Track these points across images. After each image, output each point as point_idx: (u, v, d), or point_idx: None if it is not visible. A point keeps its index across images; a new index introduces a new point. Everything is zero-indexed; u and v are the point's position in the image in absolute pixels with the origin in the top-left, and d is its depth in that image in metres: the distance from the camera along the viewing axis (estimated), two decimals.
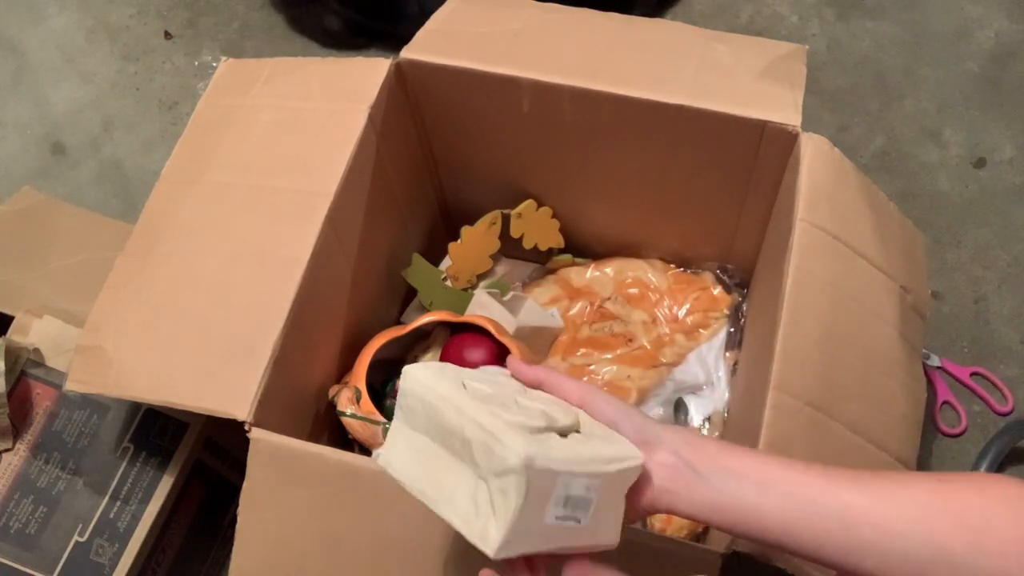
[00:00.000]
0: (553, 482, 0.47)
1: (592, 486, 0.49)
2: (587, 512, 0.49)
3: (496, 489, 0.47)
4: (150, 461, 0.81)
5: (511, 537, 0.46)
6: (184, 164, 0.80)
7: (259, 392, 0.66)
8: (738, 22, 1.34)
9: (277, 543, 0.65)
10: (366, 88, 0.80)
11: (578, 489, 0.48)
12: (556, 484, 0.47)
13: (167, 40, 1.39)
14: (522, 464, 0.45)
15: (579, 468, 0.48)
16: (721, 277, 0.98)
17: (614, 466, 0.50)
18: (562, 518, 0.48)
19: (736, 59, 0.82)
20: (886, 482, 0.50)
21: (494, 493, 0.47)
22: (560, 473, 0.47)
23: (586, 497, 0.49)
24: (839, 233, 0.72)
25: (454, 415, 0.49)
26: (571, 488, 0.48)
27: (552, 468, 0.47)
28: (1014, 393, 1.04)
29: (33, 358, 0.82)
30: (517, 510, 0.46)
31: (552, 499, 0.47)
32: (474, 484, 0.48)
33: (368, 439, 0.81)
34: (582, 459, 0.49)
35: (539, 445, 0.47)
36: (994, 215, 1.15)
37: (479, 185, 0.97)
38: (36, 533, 0.77)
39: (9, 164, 1.29)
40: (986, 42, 1.30)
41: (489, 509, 0.47)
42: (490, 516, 0.47)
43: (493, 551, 0.46)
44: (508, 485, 0.46)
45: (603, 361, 0.95)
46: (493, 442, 0.47)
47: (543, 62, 0.81)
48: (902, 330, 0.73)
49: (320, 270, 0.73)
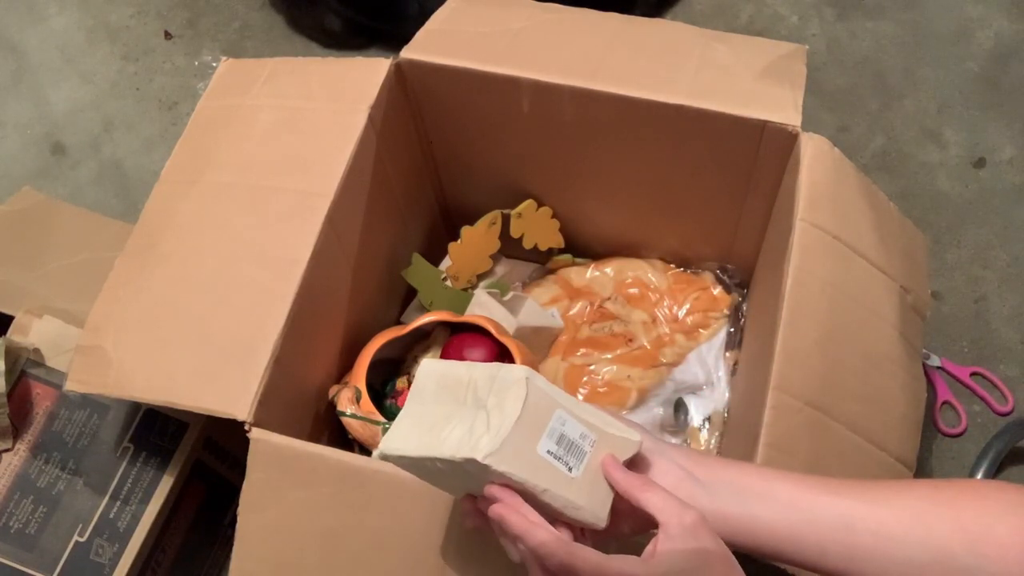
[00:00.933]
0: (550, 411, 0.50)
1: (587, 436, 0.51)
2: (580, 463, 0.50)
3: (495, 407, 0.50)
4: (150, 461, 0.81)
5: (502, 447, 0.48)
6: (184, 164, 0.80)
7: (259, 392, 0.66)
8: (738, 22, 1.34)
9: (277, 543, 0.65)
10: (366, 88, 0.80)
11: (573, 432, 0.50)
12: (553, 415, 0.50)
13: (167, 40, 1.39)
14: (524, 376, 0.49)
15: (577, 411, 0.51)
16: (721, 277, 0.98)
17: (612, 429, 0.52)
18: (554, 455, 0.50)
19: (736, 59, 0.82)
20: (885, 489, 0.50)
21: (492, 412, 0.50)
22: (559, 404, 0.50)
23: (580, 445, 0.51)
24: (839, 233, 0.72)
25: (464, 369, 0.53)
26: (567, 427, 0.50)
27: (551, 394, 0.50)
28: (1014, 393, 1.04)
29: (33, 358, 0.82)
30: (513, 422, 0.48)
31: (547, 429, 0.50)
32: (473, 418, 0.51)
33: (368, 439, 0.81)
34: (581, 407, 0.52)
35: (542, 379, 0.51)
36: (994, 215, 1.15)
37: (479, 185, 0.97)
38: (36, 533, 0.78)
39: (9, 164, 1.29)
40: (986, 42, 1.30)
41: (484, 429, 0.49)
42: (484, 433, 0.49)
43: (483, 455, 0.48)
44: (508, 398, 0.49)
45: (603, 361, 0.95)
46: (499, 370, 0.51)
47: (543, 62, 0.81)
48: (902, 330, 0.73)
49: (320, 270, 0.73)
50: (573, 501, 0.50)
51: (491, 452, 0.48)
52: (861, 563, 0.48)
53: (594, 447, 0.51)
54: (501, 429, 0.48)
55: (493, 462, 0.48)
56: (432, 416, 0.54)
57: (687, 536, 0.47)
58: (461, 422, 0.51)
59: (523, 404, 0.49)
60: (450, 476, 0.53)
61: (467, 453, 0.48)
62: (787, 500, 0.50)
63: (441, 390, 0.54)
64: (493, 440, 0.48)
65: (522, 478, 0.49)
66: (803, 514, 0.50)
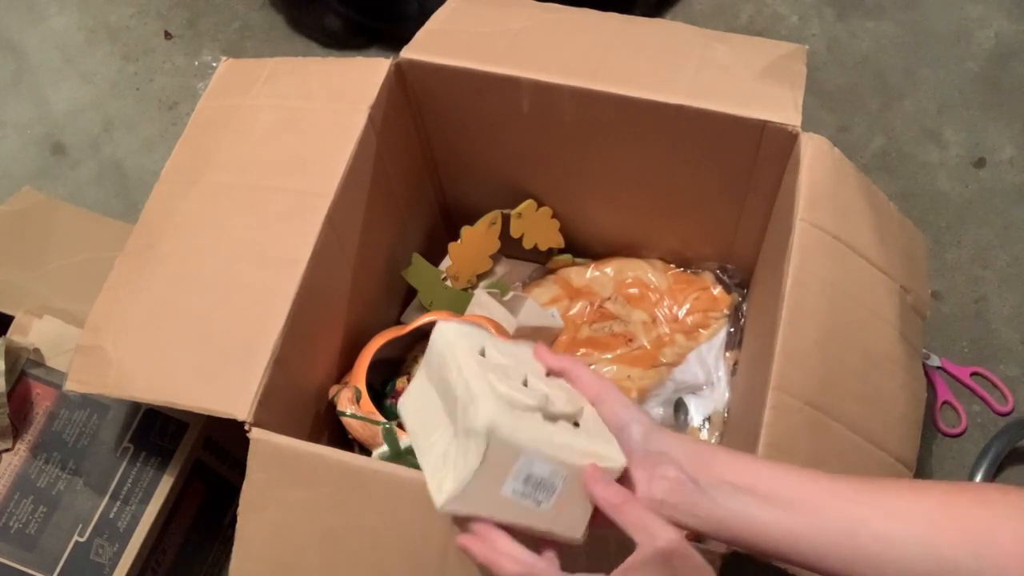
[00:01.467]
0: (515, 456, 0.49)
1: (557, 472, 0.50)
2: (550, 496, 0.50)
3: (461, 448, 0.50)
4: (150, 461, 0.81)
5: (461, 495, 0.49)
6: (184, 164, 0.80)
7: (259, 392, 0.66)
8: (738, 22, 1.34)
9: (277, 543, 0.65)
10: (366, 88, 0.80)
11: (542, 471, 0.50)
12: (518, 459, 0.49)
13: (167, 40, 1.39)
14: (485, 429, 0.48)
15: (547, 451, 0.50)
16: (721, 277, 0.98)
17: (587, 460, 0.51)
18: (521, 494, 0.50)
19: (736, 59, 0.82)
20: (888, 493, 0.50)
21: (459, 452, 0.50)
22: (524, 450, 0.49)
23: (550, 481, 0.50)
24: (839, 233, 0.72)
25: (455, 373, 0.52)
26: (534, 468, 0.50)
27: (516, 442, 0.49)
28: (1014, 393, 1.04)
29: (33, 358, 0.82)
30: (473, 472, 0.48)
31: (512, 472, 0.49)
32: (450, 440, 0.51)
33: (368, 439, 0.81)
34: (554, 444, 0.50)
35: (511, 419, 0.49)
36: (994, 215, 1.15)
37: (479, 185, 0.97)
38: (36, 533, 0.78)
39: (9, 164, 1.29)
40: (986, 42, 1.30)
41: (452, 465, 0.50)
42: (450, 471, 0.50)
43: (439, 504, 0.49)
44: (471, 446, 0.49)
45: (603, 361, 0.95)
46: (470, 403, 0.49)
47: (543, 62, 0.81)
48: (902, 330, 0.73)
49: (320, 270, 0.73)
50: (544, 530, 0.51)
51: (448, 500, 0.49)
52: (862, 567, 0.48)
53: (566, 481, 0.51)
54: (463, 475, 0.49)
55: (454, 508, 0.49)
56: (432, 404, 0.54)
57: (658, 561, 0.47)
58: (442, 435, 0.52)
59: (483, 457, 0.49)
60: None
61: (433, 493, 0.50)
62: (788, 502, 0.50)
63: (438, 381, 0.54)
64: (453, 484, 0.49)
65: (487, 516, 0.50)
66: (806, 519, 0.49)
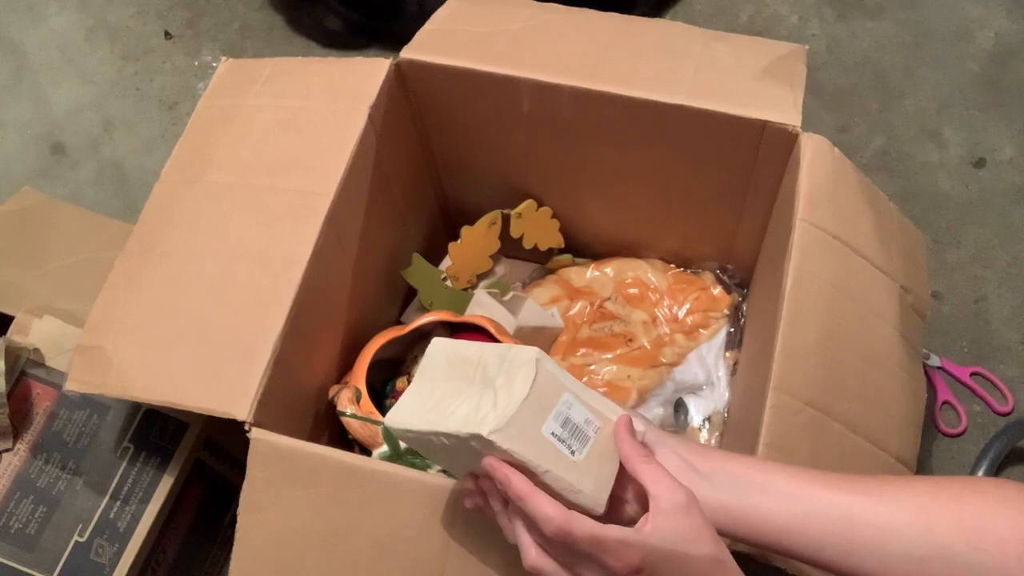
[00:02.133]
0: (558, 393, 0.51)
1: (592, 422, 0.51)
2: (583, 447, 0.51)
3: (503, 386, 0.50)
4: (150, 461, 0.81)
5: (508, 425, 0.49)
6: (184, 164, 0.80)
7: (259, 392, 0.66)
8: (738, 22, 1.34)
9: (277, 543, 0.65)
10: (366, 88, 0.80)
11: (579, 416, 0.51)
12: (560, 398, 0.51)
13: (167, 40, 1.39)
14: (535, 358, 0.50)
15: (584, 396, 0.52)
16: (721, 277, 0.98)
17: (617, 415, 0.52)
18: (558, 437, 0.50)
19: (736, 59, 0.82)
20: (885, 484, 0.50)
21: (500, 391, 0.50)
22: (566, 388, 0.51)
23: (584, 430, 0.51)
24: (839, 233, 0.72)
25: (474, 349, 0.54)
26: (573, 411, 0.51)
27: (559, 378, 0.51)
28: (1014, 393, 1.04)
29: (33, 358, 0.82)
30: (521, 400, 0.49)
31: (553, 411, 0.50)
32: (480, 396, 0.51)
33: (368, 439, 0.81)
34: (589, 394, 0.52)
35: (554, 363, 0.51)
36: (994, 215, 1.15)
37: (479, 185, 0.97)
38: (36, 533, 0.77)
39: (9, 164, 1.29)
40: (986, 42, 1.30)
41: (491, 406, 0.50)
42: (491, 410, 0.50)
43: (488, 430, 0.48)
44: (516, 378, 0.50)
45: (603, 361, 0.95)
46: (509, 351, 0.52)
47: (543, 62, 0.81)
48: (902, 330, 0.73)
49: (320, 270, 0.73)
50: (573, 484, 0.50)
51: (496, 428, 0.48)
52: (860, 556, 0.48)
53: (598, 433, 0.51)
54: (508, 407, 0.49)
55: (498, 439, 0.48)
56: (440, 392, 0.54)
57: (679, 511, 0.48)
58: (468, 399, 0.52)
59: (532, 384, 0.49)
60: (453, 453, 0.53)
61: (473, 428, 0.49)
62: (787, 492, 0.51)
63: (450, 367, 0.55)
64: (499, 417, 0.49)
65: (525, 457, 0.49)
66: (803, 506, 0.50)
